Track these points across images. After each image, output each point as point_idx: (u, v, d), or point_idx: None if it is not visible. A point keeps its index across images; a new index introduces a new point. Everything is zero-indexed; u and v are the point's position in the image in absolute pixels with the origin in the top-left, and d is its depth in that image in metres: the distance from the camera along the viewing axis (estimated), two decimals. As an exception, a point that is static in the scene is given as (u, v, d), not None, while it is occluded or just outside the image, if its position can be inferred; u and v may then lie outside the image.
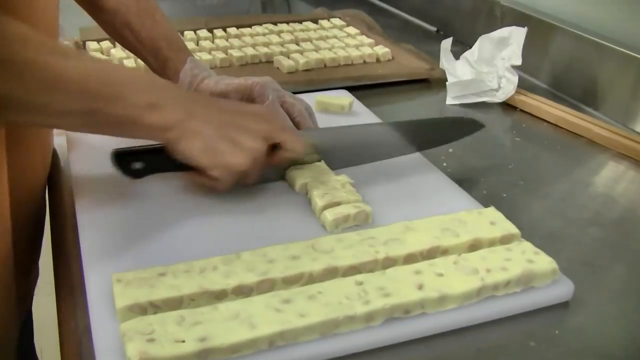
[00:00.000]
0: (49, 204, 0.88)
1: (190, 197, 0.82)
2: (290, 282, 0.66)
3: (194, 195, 0.83)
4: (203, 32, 1.38)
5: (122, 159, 0.78)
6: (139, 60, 1.18)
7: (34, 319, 1.05)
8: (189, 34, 1.37)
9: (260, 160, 0.77)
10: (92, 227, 0.76)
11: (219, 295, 0.64)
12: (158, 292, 0.63)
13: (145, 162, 0.78)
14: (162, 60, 0.95)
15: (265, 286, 0.65)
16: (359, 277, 0.66)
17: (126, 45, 0.98)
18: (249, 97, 0.90)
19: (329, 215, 0.76)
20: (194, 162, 0.75)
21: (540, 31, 1.26)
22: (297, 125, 0.90)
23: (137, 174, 0.79)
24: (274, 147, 0.80)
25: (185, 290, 0.63)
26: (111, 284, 0.65)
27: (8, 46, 0.63)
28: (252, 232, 0.76)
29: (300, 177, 0.83)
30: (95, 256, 0.71)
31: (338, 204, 0.78)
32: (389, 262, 0.69)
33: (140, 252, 0.72)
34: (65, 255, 0.77)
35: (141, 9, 0.95)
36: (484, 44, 1.20)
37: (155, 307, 0.62)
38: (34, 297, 1.00)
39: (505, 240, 0.74)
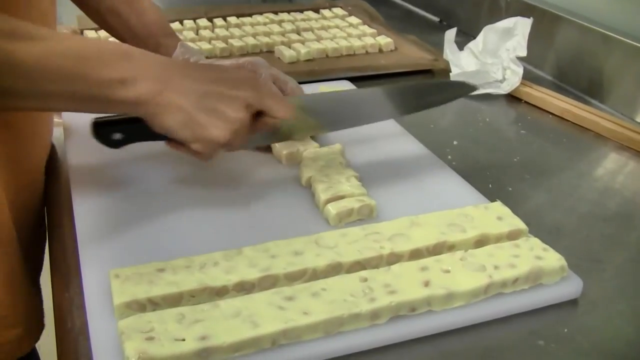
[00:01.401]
0: (46, 197, 0.86)
1: (191, 190, 0.81)
2: (293, 278, 0.65)
3: (195, 187, 0.81)
4: (203, 22, 1.36)
5: (101, 129, 0.76)
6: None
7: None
8: (188, 23, 1.35)
9: (244, 128, 0.74)
10: (89, 221, 0.74)
11: (220, 292, 0.62)
12: (157, 288, 0.61)
13: (124, 132, 0.76)
14: (153, 46, 0.93)
15: (268, 282, 0.64)
16: (364, 273, 0.64)
17: (115, 32, 0.97)
18: None
19: (332, 209, 0.75)
20: (174, 136, 0.72)
21: (545, 22, 1.24)
22: None
23: (116, 144, 0.77)
24: (259, 113, 0.76)
25: (185, 287, 0.62)
26: (108, 280, 0.63)
27: None
28: (254, 227, 0.74)
29: (306, 171, 0.82)
30: (92, 251, 0.69)
31: (342, 197, 0.76)
32: (394, 258, 0.68)
33: (138, 246, 0.70)
34: (62, 249, 0.75)
35: None
36: (488, 34, 1.18)
37: (154, 304, 0.61)
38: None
39: (513, 236, 0.72)
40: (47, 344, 0.83)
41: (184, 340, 0.56)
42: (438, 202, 0.78)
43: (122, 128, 0.75)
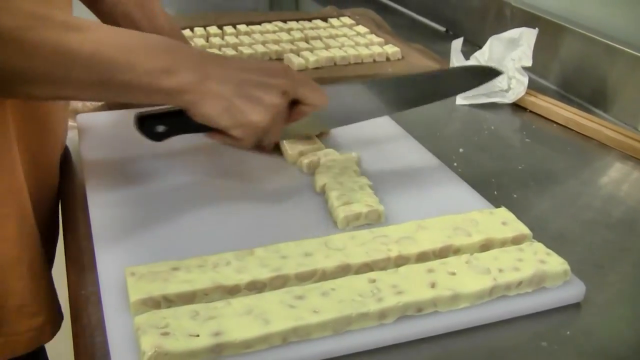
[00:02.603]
0: (60, 197, 0.88)
1: (205, 192, 0.83)
2: (303, 278, 0.66)
3: (209, 189, 0.83)
4: (213, 29, 1.38)
5: (145, 122, 0.79)
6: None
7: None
8: (199, 30, 1.37)
9: (282, 115, 0.78)
10: (105, 220, 0.76)
11: (232, 291, 0.64)
12: (172, 286, 0.63)
13: (167, 124, 0.79)
14: None
15: (279, 282, 0.66)
16: (372, 274, 0.66)
17: None
18: None
19: (341, 212, 0.76)
20: (214, 124, 0.76)
21: (549, 32, 1.26)
22: None
23: (159, 137, 0.80)
24: (293, 103, 0.80)
25: (198, 285, 0.63)
26: (124, 278, 0.65)
27: (17, 24, 0.63)
28: (266, 229, 0.76)
29: (321, 178, 0.83)
30: (107, 249, 0.71)
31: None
32: (401, 260, 0.69)
33: (153, 245, 0.72)
34: (77, 247, 0.77)
35: (140, 1, 0.97)
36: (494, 44, 1.20)
37: (168, 302, 0.62)
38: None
39: (517, 240, 0.74)
40: (54, 343, 0.85)
41: (198, 336, 0.58)
42: (444, 207, 0.80)
43: (165, 121, 0.79)
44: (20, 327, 0.79)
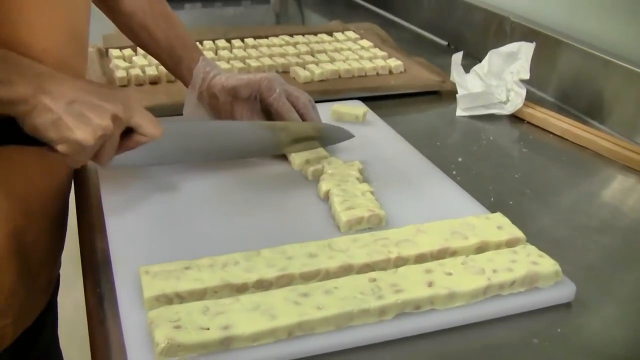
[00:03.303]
0: (76, 204, 0.92)
1: (216, 197, 0.87)
2: (307, 277, 0.70)
3: (220, 195, 0.88)
4: (221, 42, 1.42)
5: None
6: (160, 68, 1.24)
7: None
8: (208, 43, 1.41)
9: (111, 139, 0.77)
10: (120, 224, 0.80)
11: (241, 289, 0.68)
12: (183, 284, 0.67)
13: None
14: (176, 59, 1.02)
15: (284, 281, 0.69)
16: (373, 274, 0.70)
17: (143, 46, 1.04)
18: (257, 90, 0.97)
19: (344, 216, 0.80)
20: (42, 136, 0.75)
21: (548, 46, 1.30)
22: (301, 117, 0.97)
23: None
24: (130, 131, 0.80)
25: (209, 283, 0.67)
26: (138, 277, 0.69)
27: None
28: (273, 232, 0.80)
29: (325, 185, 0.87)
30: (122, 251, 0.75)
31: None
32: (400, 261, 0.73)
33: (165, 247, 0.76)
34: (92, 252, 0.80)
35: (156, 12, 1.01)
36: (493, 58, 1.24)
37: (180, 298, 0.66)
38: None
39: (511, 243, 0.77)
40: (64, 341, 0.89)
41: (208, 329, 0.61)
42: (443, 213, 0.83)
43: None
44: None
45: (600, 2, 1.26)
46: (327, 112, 1.09)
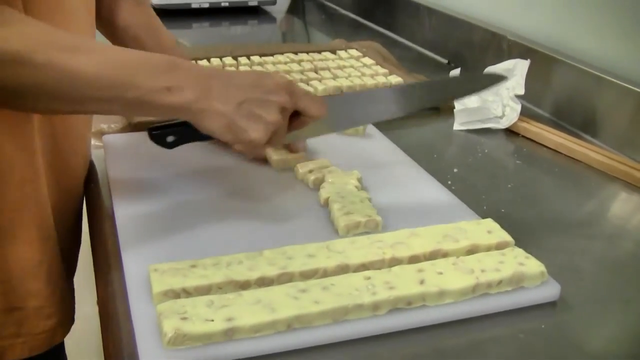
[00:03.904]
0: (87, 206, 0.97)
1: (221, 201, 0.92)
2: (306, 276, 0.75)
3: (225, 200, 0.92)
4: (228, 59, 1.47)
5: (156, 134, 0.86)
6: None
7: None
8: (215, 60, 1.46)
9: (280, 130, 0.82)
10: (130, 225, 0.85)
11: (244, 285, 0.73)
12: (190, 280, 0.72)
13: (175, 135, 0.86)
14: None
15: (285, 279, 0.74)
16: (367, 273, 0.74)
17: None
18: None
19: (342, 221, 0.85)
20: (217, 138, 0.81)
21: (543, 64, 1.34)
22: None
23: (171, 146, 0.87)
24: (296, 113, 0.85)
25: (214, 280, 0.72)
26: (147, 276, 0.74)
27: (23, 47, 0.70)
28: (275, 235, 0.85)
29: (325, 192, 0.92)
30: (132, 250, 0.80)
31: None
32: (394, 262, 0.78)
33: (173, 248, 0.81)
34: (104, 251, 0.85)
35: (151, 26, 1.07)
36: (490, 74, 1.29)
37: (187, 293, 0.71)
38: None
39: (500, 246, 0.82)
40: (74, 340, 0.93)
41: (212, 321, 0.66)
42: (436, 219, 0.87)
43: (173, 131, 0.86)
44: (38, 328, 0.87)
45: (594, 22, 1.31)
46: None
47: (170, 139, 0.86)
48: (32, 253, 0.84)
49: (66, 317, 0.92)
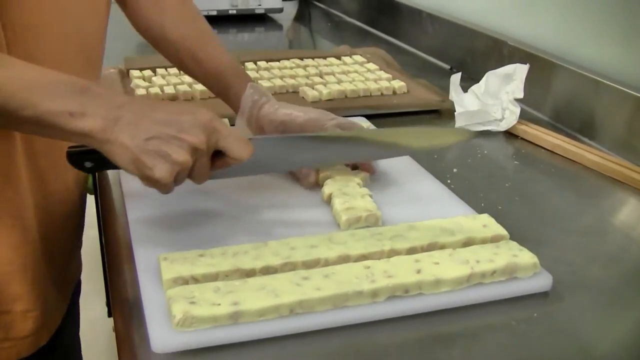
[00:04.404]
0: (100, 203, 1.01)
1: (230, 196, 0.96)
2: (309, 265, 0.78)
3: (233, 195, 0.96)
4: (236, 64, 1.51)
5: (73, 157, 0.81)
6: (178, 87, 1.33)
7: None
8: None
9: (185, 172, 0.78)
10: (140, 219, 0.89)
11: (249, 273, 0.76)
12: (198, 268, 0.75)
13: (94, 161, 0.81)
14: (223, 87, 1.05)
15: (288, 268, 0.78)
16: (367, 262, 0.78)
17: (188, 72, 1.09)
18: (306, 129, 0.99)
19: (343, 215, 0.88)
20: (124, 170, 0.77)
21: (543, 69, 1.38)
22: None
23: (89, 171, 0.83)
24: (219, 152, 0.81)
25: (220, 268, 0.76)
26: (157, 265, 0.77)
27: None
28: (279, 227, 0.89)
29: (327, 189, 0.96)
30: (143, 243, 0.84)
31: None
32: (393, 253, 0.81)
33: (181, 240, 0.84)
34: (116, 243, 0.89)
35: (203, 38, 1.06)
36: (490, 79, 1.33)
37: (195, 280, 0.75)
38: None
39: (495, 240, 0.85)
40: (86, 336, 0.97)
41: (219, 305, 0.70)
42: (434, 214, 0.91)
43: (91, 157, 0.81)
44: (24, 332, 0.88)
45: (592, 28, 1.35)
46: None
47: (88, 164, 0.82)
48: (16, 257, 0.85)
49: (52, 320, 0.94)
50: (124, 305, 0.77)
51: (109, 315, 1.98)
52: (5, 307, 0.86)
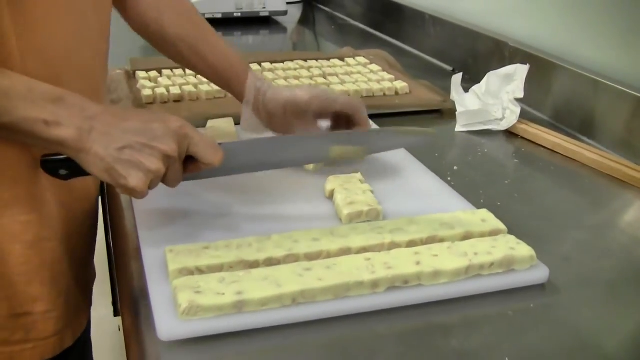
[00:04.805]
0: (107, 198, 1.03)
1: (234, 192, 0.98)
2: (311, 257, 0.80)
3: (238, 189, 0.98)
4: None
5: (48, 165, 0.81)
6: (184, 87, 1.35)
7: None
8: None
9: (159, 179, 0.80)
10: (147, 213, 0.91)
11: (253, 265, 0.78)
12: (203, 260, 0.78)
13: (68, 169, 0.81)
14: (228, 78, 1.08)
15: (291, 260, 0.80)
16: (368, 254, 0.80)
17: (192, 67, 1.11)
18: (325, 105, 1.03)
19: (345, 210, 0.90)
20: (98, 178, 0.79)
21: (543, 69, 1.40)
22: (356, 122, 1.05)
23: (64, 178, 0.82)
24: (192, 157, 0.83)
25: (225, 260, 0.78)
26: (163, 258, 0.80)
27: None
28: (282, 222, 0.91)
29: (330, 185, 0.98)
30: (150, 237, 0.86)
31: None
32: (393, 246, 0.83)
33: (187, 234, 0.87)
34: (124, 239, 0.91)
35: (202, 32, 1.09)
36: (491, 79, 1.35)
37: (200, 272, 0.77)
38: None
39: (494, 234, 0.87)
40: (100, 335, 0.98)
41: (224, 294, 0.72)
42: (434, 210, 0.93)
43: (66, 165, 0.81)
44: (46, 333, 0.88)
45: (591, 29, 1.36)
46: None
47: (62, 172, 0.82)
48: (33, 255, 0.85)
49: (77, 321, 0.94)
50: (131, 296, 0.80)
51: (115, 314, 2.00)
52: (25, 308, 0.86)
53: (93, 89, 0.89)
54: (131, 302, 0.79)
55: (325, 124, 1.05)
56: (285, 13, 2.23)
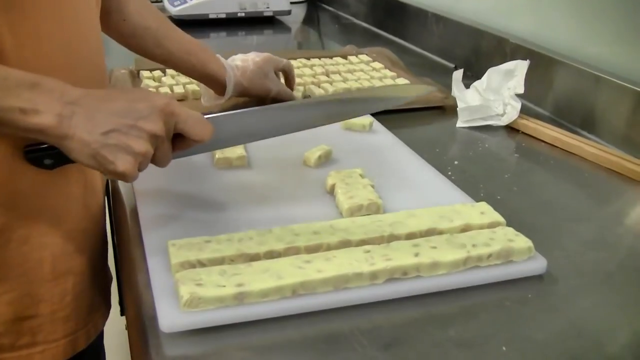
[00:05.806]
0: (112, 201, 1.05)
1: (235, 187, 0.99)
2: (311, 250, 0.82)
3: (239, 185, 1.00)
4: (244, 64, 1.55)
5: (31, 155, 0.78)
6: (187, 86, 1.36)
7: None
8: (231, 65, 1.54)
9: (148, 160, 0.78)
10: (149, 208, 0.92)
11: (254, 258, 0.80)
12: (204, 253, 0.79)
13: (52, 157, 0.79)
14: (199, 62, 1.19)
15: (291, 252, 0.81)
16: (367, 247, 0.81)
17: (163, 61, 1.17)
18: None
19: (345, 204, 0.92)
20: (83, 165, 0.76)
21: (544, 65, 1.41)
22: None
23: (49, 167, 0.80)
24: (180, 134, 0.81)
25: (226, 253, 0.79)
26: (166, 250, 0.81)
27: None
28: (283, 216, 0.92)
29: (331, 179, 0.99)
30: (152, 231, 0.87)
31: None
32: (392, 238, 0.84)
33: (188, 228, 0.88)
34: (126, 234, 0.92)
35: (166, 24, 1.15)
36: (492, 75, 1.36)
37: (202, 265, 0.78)
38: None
39: (492, 226, 0.88)
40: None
41: (224, 286, 0.73)
42: (434, 203, 0.94)
43: (50, 154, 0.78)
44: (56, 334, 0.87)
45: (592, 26, 1.37)
46: (337, 123, 1.21)
47: (47, 161, 0.79)
48: (30, 251, 0.83)
49: (92, 323, 0.93)
50: (134, 289, 0.81)
51: (122, 313, 2.01)
52: (29, 311, 0.84)
53: (93, 86, 0.88)
54: (134, 294, 0.80)
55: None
56: (289, 13, 2.24)
